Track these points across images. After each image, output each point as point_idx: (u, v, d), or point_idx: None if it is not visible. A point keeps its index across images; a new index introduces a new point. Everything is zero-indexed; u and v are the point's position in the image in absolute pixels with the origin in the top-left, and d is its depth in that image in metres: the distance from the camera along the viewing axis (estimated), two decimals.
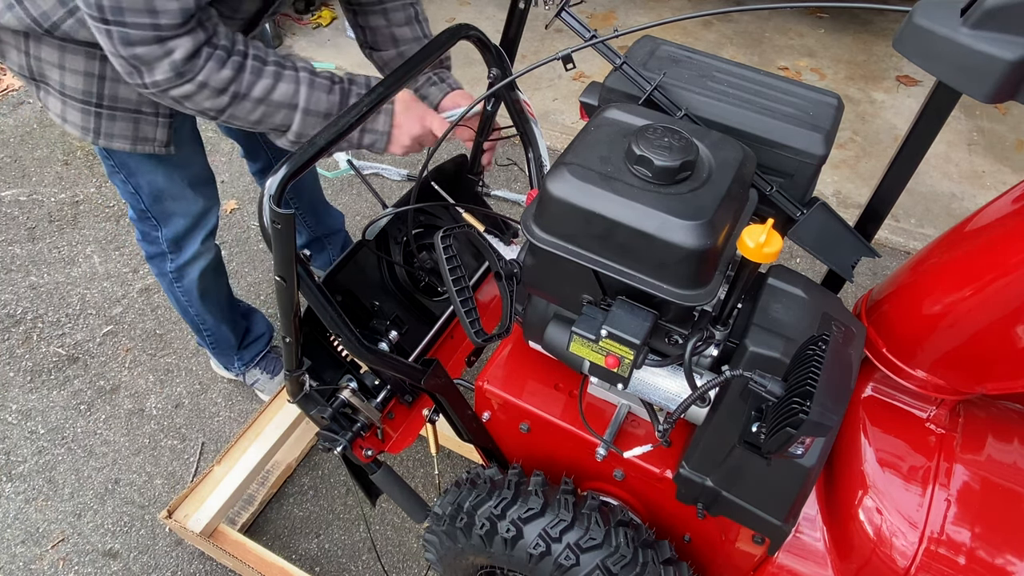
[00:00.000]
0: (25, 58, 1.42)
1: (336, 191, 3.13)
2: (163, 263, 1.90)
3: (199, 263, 1.92)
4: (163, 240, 1.84)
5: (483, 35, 1.39)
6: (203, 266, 1.93)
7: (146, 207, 1.76)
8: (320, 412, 1.33)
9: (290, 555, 2.00)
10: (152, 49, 1.17)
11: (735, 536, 1.29)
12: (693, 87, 1.17)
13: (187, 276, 1.93)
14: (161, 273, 1.94)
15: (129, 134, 1.53)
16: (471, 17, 4.13)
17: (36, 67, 1.43)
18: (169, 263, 1.90)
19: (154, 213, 1.78)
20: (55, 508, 2.10)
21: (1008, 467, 1.17)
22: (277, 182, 0.98)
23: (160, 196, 1.74)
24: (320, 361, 1.40)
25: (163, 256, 1.88)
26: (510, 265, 1.13)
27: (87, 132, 1.50)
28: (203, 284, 1.97)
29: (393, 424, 1.47)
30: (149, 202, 1.75)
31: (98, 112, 1.48)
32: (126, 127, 1.52)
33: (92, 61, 1.41)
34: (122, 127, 1.51)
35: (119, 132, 1.52)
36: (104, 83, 1.44)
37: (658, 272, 0.96)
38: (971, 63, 0.84)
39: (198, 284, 1.95)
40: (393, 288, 1.61)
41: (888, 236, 2.93)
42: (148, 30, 1.15)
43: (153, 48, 1.17)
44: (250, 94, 1.28)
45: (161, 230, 1.82)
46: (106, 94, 1.46)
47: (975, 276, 1.04)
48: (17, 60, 1.44)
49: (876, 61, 3.89)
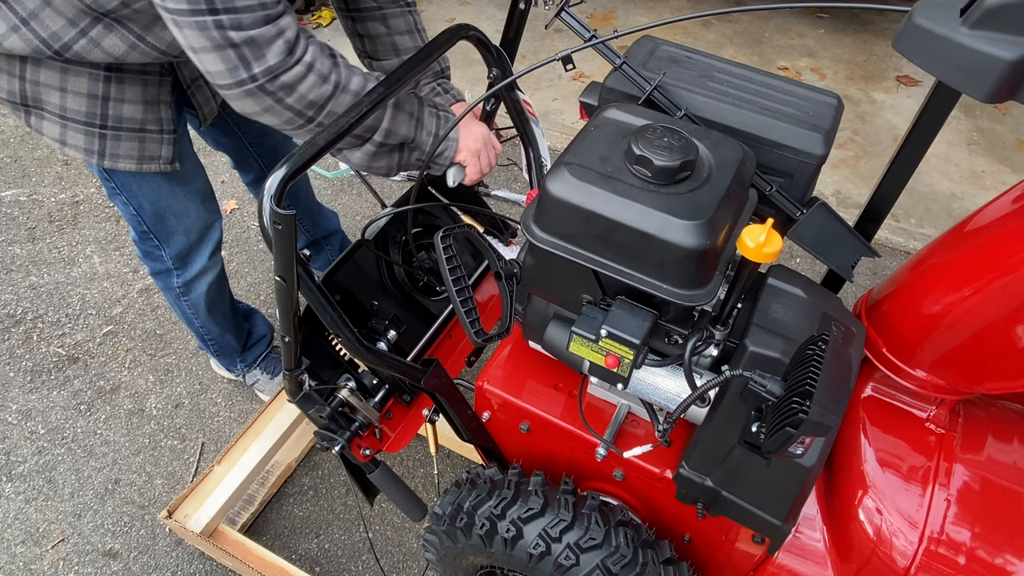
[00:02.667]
0: (19, 83, 1.39)
1: (336, 191, 3.13)
2: (169, 279, 1.89)
3: (207, 277, 1.91)
4: (167, 258, 1.83)
5: (483, 35, 1.39)
6: (210, 280, 1.93)
7: (148, 228, 1.74)
8: (318, 411, 1.33)
9: (290, 555, 2.00)
10: (266, 30, 1.13)
11: (735, 536, 1.29)
12: (693, 87, 1.17)
13: (195, 290, 1.93)
14: (167, 288, 1.93)
15: (135, 153, 1.52)
16: (471, 17, 4.13)
17: (32, 92, 1.41)
18: (176, 278, 1.89)
19: (156, 233, 1.76)
20: (55, 508, 2.10)
21: (1008, 467, 1.17)
22: (277, 182, 0.98)
23: (163, 215, 1.72)
24: (318, 360, 1.40)
25: (168, 272, 1.88)
26: (510, 265, 1.13)
27: (91, 154, 1.49)
28: (210, 297, 1.97)
29: (391, 423, 1.47)
30: (152, 222, 1.73)
31: (102, 133, 1.46)
32: (131, 147, 1.51)
33: (96, 83, 1.40)
34: (127, 147, 1.50)
35: (124, 152, 1.51)
36: (108, 104, 1.43)
37: (658, 272, 0.96)
38: (971, 63, 0.84)
39: (205, 297, 1.95)
40: (392, 288, 1.61)
41: (888, 236, 2.93)
42: (258, 11, 1.12)
43: (267, 29, 1.13)
44: (348, 86, 1.25)
45: (164, 249, 1.81)
46: (110, 115, 1.45)
47: (975, 276, 1.04)
48: (7, 85, 1.40)
49: (876, 61, 3.89)
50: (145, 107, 1.48)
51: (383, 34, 1.58)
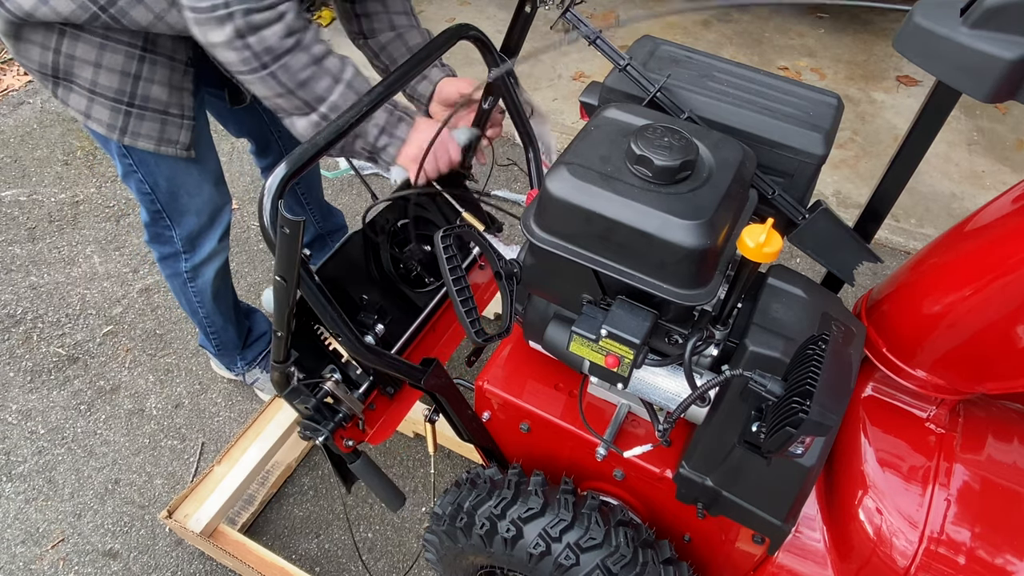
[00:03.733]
0: (53, 56, 1.43)
1: (336, 191, 3.13)
2: (177, 263, 1.90)
3: (215, 262, 1.92)
4: (177, 239, 1.84)
5: (483, 35, 1.39)
6: (218, 266, 1.94)
7: (161, 207, 1.76)
8: (304, 402, 1.33)
9: (290, 555, 2.00)
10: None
11: (735, 536, 1.29)
12: (693, 87, 1.17)
13: (202, 275, 1.94)
14: (175, 273, 1.93)
15: (155, 135, 1.57)
16: (471, 17, 4.13)
17: (65, 65, 1.44)
18: (184, 262, 1.90)
19: (168, 212, 1.78)
20: (55, 508, 2.10)
21: (1008, 467, 1.17)
22: (278, 181, 0.99)
23: (176, 193, 1.75)
24: (303, 350, 1.40)
25: (177, 256, 1.88)
26: (510, 265, 1.13)
27: (113, 129, 1.53)
28: (216, 284, 1.97)
29: (374, 415, 1.47)
30: (165, 200, 1.75)
31: (128, 111, 1.51)
32: (153, 127, 1.55)
33: (131, 61, 1.45)
34: (149, 127, 1.55)
35: (145, 132, 1.55)
36: (139, 83, 1.48)
37: (658, 272, 0.96)
38: (971, 63, 0.84)
39: (212, 284, 1.96)
40: (377, 277, 1.61)
41: (888, 236, 2.93)
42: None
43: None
44: (310, 50, 1.30)
45: (175, 229, 1.82)
46: (139, 93, 1.50)
47: (975, 276, 1.04)
48: (39, 58, 1.44)
49: (876, 61, 3.90)
50: (171, 91, 1.54)
51: (380, 12, 1.63)
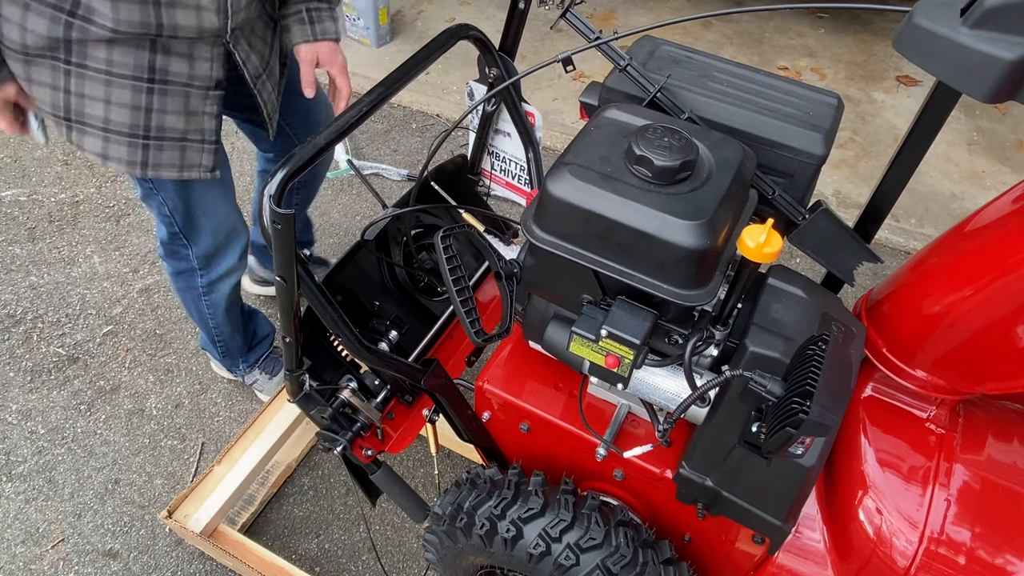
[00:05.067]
0: (63, 96, 1.40)
1: (336, 191, 3.13)
2: (192, 278, 1.89)
3: (231, 279, 1.92)
4: (193, 258, 1.84)
5: (483, 35, 1.39)
6: (234, 282, 1.94)
7: (179, 228, 1.75)
8: (320, 412, 1.33)
9: (290, 555, 2.00)
10: None
11: (735, 536, 1.29)
12: (693, 87, 1.17)
13: (218, 291, 1.93)
14: (189, 287, 1.92)
15: (176, 162, 1.53)
16: (471, 17, 4.13)
17: (76, 105, 1.41)
18: (199, 278, 1.89)
19: (186, 232, 1.77)
20: (55, 508, 2.10)
21: (1008, 467, 1.17)
22: (278, 182, 0.99)
23: (193, 213, 1.73)
24: (320, 361, 1.40)
25: (192, 272, 1.88)
26: (510, 265, 1.13)
27: (134, 165, 1.49)
28: (230, 298, 1.98)
29: (393, 424, 1.47)
30: (183, 222, 1.74)
31: (145, 144, 1.48)
32: (173, 156, 1.52)
33: (139, 94, 1.42)
34: (169, 156, 1.52)
35: (167, 161, 1.52)
36: (151, 115, 1.45)
37: (658, 272, 0.96)
38: (971, 63, 0.84)
39: (227, 298, 1.96)
40: (393, 288, 1.61)
41: (888, 236, 2.93)
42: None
43: None
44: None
45: (191, 248, 1.81)
46: (153, 125, 1.46)
47: (975, 276, 1.04)
48: (51, 99, 1.41)
49: (876, 61, 3.89)
50: (187, 118, 1.49)
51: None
